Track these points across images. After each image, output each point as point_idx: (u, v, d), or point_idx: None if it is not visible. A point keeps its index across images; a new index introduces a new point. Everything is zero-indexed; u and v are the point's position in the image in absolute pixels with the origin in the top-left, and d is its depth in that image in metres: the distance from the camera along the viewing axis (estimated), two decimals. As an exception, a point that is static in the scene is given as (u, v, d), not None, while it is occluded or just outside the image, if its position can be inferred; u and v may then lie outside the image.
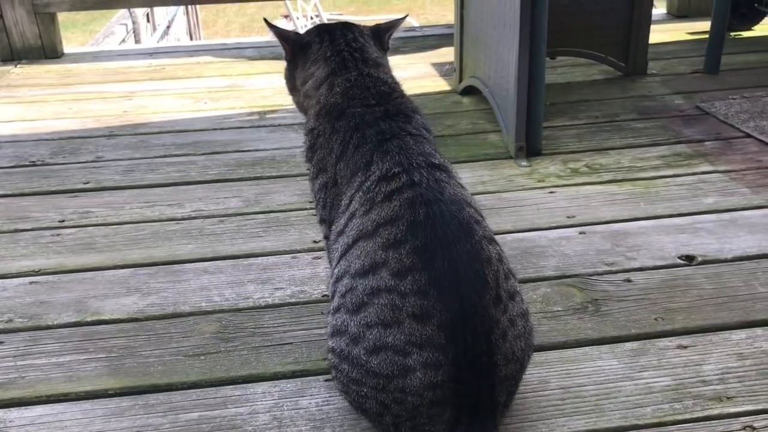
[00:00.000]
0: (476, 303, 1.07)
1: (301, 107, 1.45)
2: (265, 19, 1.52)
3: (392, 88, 1.35)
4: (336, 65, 1.35)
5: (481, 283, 1.09)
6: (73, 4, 3.57)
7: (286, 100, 2.88)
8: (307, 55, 1.40)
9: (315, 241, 1.82)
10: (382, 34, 1.44)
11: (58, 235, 1.91)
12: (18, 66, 3.49)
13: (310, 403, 1.30)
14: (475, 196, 2.01)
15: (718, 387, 1.30)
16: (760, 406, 1.25)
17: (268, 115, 2.77)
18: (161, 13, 9.09)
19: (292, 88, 1.47)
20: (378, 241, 1.11)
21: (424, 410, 1.09)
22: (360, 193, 1.19)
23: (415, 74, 3.17)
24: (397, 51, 1.49)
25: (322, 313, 1.53)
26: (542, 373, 1.35)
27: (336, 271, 1.18)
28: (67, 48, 3.78)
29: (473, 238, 1.12)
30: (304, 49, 1.41)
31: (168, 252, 1.81)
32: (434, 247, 1.08)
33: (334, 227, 1.25)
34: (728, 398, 1.27)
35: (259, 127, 2.66)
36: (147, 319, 1.55)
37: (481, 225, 1.16)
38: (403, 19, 1.49)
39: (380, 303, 1.08)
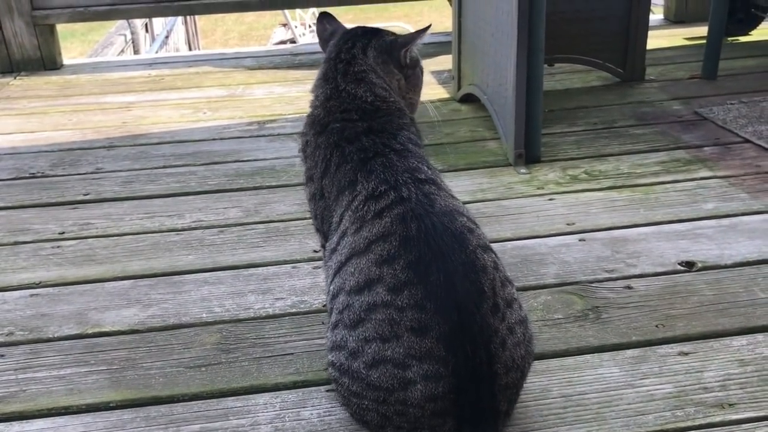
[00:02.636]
0: (474, 313, 1.07)
1: None
2: (320, 14, 1.47)
3: (375, 106, 1.29)
4: (321, 74, 1.36)
5: (478, 292, 1.09)
6: (72, 15, 3.58)
7: (285, 110, 2.92)
8: None
9: (315, 251, 1.82)
10: (395, 50, 1.34)
11: (58, 247, 1.91)
12: (17, 78, 3.50)
13: (311, 414, 1.30)
14: (475, 204, 2.04)
15: (719, 394, 1.30)
16: (762, 413, 1.25)
17: (267, 125, 2.77)
18: (160, 23, 9.12)
19: None
20: (371, 257, 1.11)
21: (425, 421, 1.09)
22: (349, 212, 1.19)
23: (414, 82, 3.17)
24: (404, 66, 1.46)
25: (323, 323, 1.53)
26: (543, 382, 1.34)
27: (332, 288, 1.19)
28: (67, 59, 3.79)
29: (467, 248, 1.12)
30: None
31: (168, 263, 1.81)
32: (428, 260, 1.08)
33: (328, 245, 1.25)
34: (730, 405, 1.27)
35: (258, 136, 2.66)
36: (148, 330, 1.55)
37: (474, 233, 1.15)
38: (423, 31, 1.37)
39: (378, 318, 1.08)
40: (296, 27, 8.60)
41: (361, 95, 1.30)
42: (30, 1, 3.48)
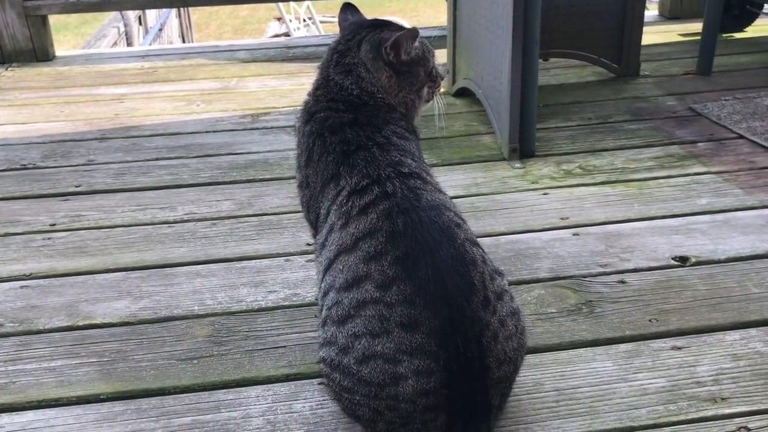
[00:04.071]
0: (464, 307, 1.07)
1: None
2: (346, 2, 1.45)
3: (363, 101, 1.28)
4: (321, 63, 1.36)
5: (468, 286, 1.08)
6: (65, 6, 3.56)
7: (279, 102, 2.91)
8: None
9: (308, 244, 1.81)
10: (379, 44, 1.29)
11: (49, 238, 1.90)
12: (9, 69, 3.47)
13: (303, 407, 1.29)
14: (469, 198, 2.04)
15: (712, 388, 1.30)
16: (754, 407, 1.25)
17: (261, 118, 2.76)
18: (153, 15, 9.08)
19: None
20: (358, 254, 1.11)
21: (417, 416, 1.08)
22: (335, 206, 1.19)
23: (408, 76, 3.16)
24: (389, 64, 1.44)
25: (316, 317, 1.52)
26: (536, 375, 1.34)
27: (322, 285, 1.18)
28: (59, 51, 3.76)
29: (456, 241, 1.11)
30: None
31: (160, 255, 1.80)
32: (416, 255, 1.08)
33: (318, 238, 1.25)
34: (723, 399, 1.27)
35: (251, 129, 2.65)
36: (139, 322, 1.54)
37: (462, 228, 1.15)
38: (409, 31, 1.29)
39: (367, 315, 1.08)
40: (290, 21, 8.58)
41: (347, 87, 1.30)
42: (22, -8, 3.45)
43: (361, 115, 1.26)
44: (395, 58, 1.30)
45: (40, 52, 3.57)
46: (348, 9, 1.44)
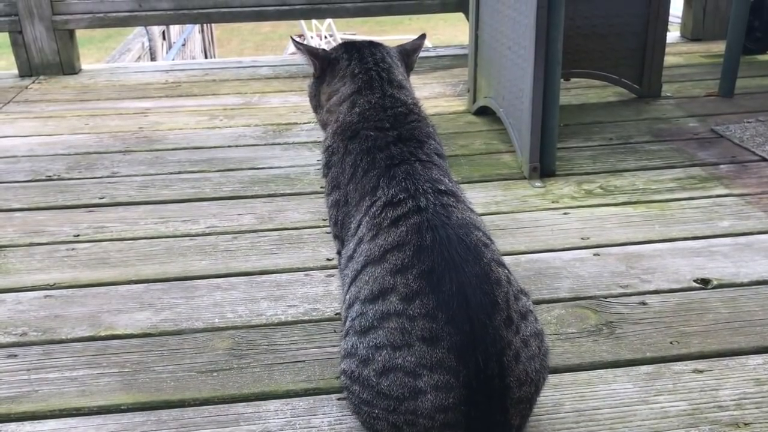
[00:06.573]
0: (487, 324, 1.07)
1: (323, 124, 1.45)
2: (292, 37, 1.55)
3: (410, 109, 1.33)
4: (363, 83, 1.36)
5: (491, 304, 1.08)
6: (92, 21, 3.62)
7: (301, 119, 2.93)
8: (334, 71, 1.41)
9: (328, 259, 1.82)
10: (410, 54, 1.45)
11: (72, 249, 1.92)
12: (36, 81, 3.53)
13: (322, 422, 1.29)
14: (489, 217, 2.04)
15: (735, 412, 1.28)
16: (777, 433, 1.24)
17: (282, 133, 2.78)
18: (176, 30, 9.20)
19: (317, 106, 1.47)
20: (385, 266, 1.11)
21: (436, 432, 1.08)
22: (367, 218, 1.20)
23: (429, 94, 3.19)
24: (411, 71, 1.49)
25: (335, 331, 1.52)
26: (556, 396, 1.33)
27: (347, 297, 1.19)
28: (84, 64, 3.82)
29: (482, 260, 1.11)
30: (331, 65, 1.42)
31: (182, 268, 1.82)
32: (442, 271, 1.08)
33: (344, 251, 1.26)
34: (745, 424, 1.26)
35: (273, 144, 2.67)
36: (160, 334, 1.55)
37: (489, 248, 1.15)
38: (423, 38, 1.50)
39: (389, 327, 1.08)
40: (312, 38, 8.66)
41: (403, 99, 1.34)
42: (51, 7, 3.52)
43: (404, 130, 1.29)
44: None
45: (66, 66, 3.63)
46: (295, 40, 1.53)
